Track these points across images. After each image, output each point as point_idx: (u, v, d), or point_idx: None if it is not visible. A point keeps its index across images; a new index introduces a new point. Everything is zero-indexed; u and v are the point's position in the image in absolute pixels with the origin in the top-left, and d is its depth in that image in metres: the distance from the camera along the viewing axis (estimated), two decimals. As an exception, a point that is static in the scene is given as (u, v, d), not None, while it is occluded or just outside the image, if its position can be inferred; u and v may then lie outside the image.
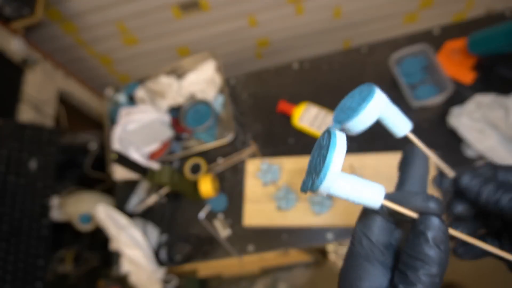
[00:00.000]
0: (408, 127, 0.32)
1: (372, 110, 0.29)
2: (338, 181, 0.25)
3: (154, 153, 1.12)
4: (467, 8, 1.53)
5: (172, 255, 1.04)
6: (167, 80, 1.19)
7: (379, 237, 0.27)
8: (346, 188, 0.26)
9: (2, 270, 0.98)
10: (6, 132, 1.08)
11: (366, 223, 0.28)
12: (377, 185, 0.27)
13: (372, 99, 0.29)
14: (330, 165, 0.25)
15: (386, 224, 0.28)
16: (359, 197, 0.26)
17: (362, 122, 0.29)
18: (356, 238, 0.28)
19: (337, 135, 0.26)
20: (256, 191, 1.01)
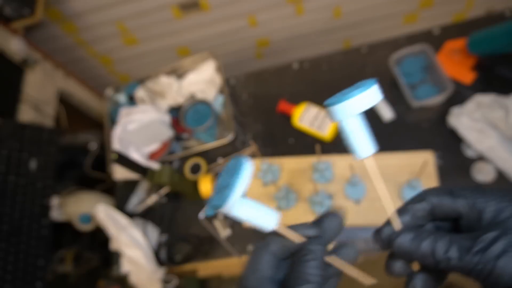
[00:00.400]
0: (371, 150, 0.32)
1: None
2: (239, 206, 0.28)
3: (154, 153, 1.12)
4: (467, 8, 1.53)
5: (172, 255, 1.04)
6: (167, 80, 1.19)
7: (267, 272, 0.29)
8: (246, 212, 0.29)
9: (2, 270, 0.98)
10: (6, 132, 1.08)
11: (255, 259, 0.30)
12: (273, 212, 0.30)
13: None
14: (233, 192, 0.27)
15: (274, 260, 0.30)
16: (256, 222, 0.29)
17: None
18: (245, 272, 0.30)
19: (245, 164, 0.28)
20: (256, 191, 1.01)
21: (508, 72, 0.95)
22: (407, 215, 0.30)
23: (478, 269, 0.24)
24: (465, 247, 0.25)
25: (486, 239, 0.25)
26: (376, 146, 0.32)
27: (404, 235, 0.28)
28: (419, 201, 0.30)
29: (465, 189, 0.29)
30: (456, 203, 0.28)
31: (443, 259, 0.26)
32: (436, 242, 0.26)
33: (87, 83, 1.70)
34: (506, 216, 0.26)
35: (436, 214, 0.30)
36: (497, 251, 0.24)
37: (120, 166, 0.90)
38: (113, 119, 1.23)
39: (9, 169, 1.06)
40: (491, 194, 0.28)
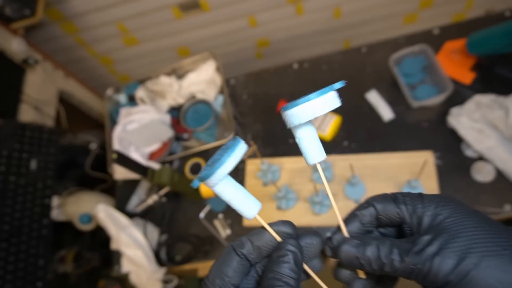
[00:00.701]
0: (320, 157, 0.32)
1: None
2: (225, 183, 0.29)
3: (154, 153, 1.12)
4: (467, 9, 1.53)
5: (172, 255, 1.04)
6: (167, 81, 1.19)
7: (233, 278, 0.29)
8: (230, 191, 0.29)
9: (2, 270, 0.98)
10: (6, 132, 1.08)
11: (222, 263, 0.30)
12: (256, 201, 0.30)
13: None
14: (223, 165, 0.28)
15: (241, 265, 0.30)
16: (238, 204, 0.30)
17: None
18: (210, 276, 0.29)
19: (240, 144, 0.29)
20: (256, 191, 1.01)
21: (507, 72, 0.95)
22: (355, 222, 0.31)
23: (417, 269, 0.26)
24: (405, 250, 0.27)
25: (423, 241, 0.27)
26: (325, 154, 0.33)
27: (350, 242, 0.30)
28: (366, 208, 0.31)
29: (408, 196, 0.30)
30: (399, 210, 0.30)
31: (386, 262, 0.28)
32: (380, 246, 0.28)
33: (87, 83, 1.70)
34: (441, 220, 0.28)
35: (382, 220, 0.31)
36: (432, 251, 0.26)
37: (120, 166, 0.91)
38: (113, 119, 1.23)
39: (9, 169, 1.06)
40: (430, 200, 0.29)
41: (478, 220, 0.27)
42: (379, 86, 1.05)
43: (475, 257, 0.25)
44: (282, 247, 0.29)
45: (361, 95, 1.05)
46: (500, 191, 0.86)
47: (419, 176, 0.84)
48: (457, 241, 0.26)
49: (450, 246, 0.26)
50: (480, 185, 0.88)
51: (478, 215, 0.27)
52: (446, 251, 0.26)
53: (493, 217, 0.85)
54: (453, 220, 0.27)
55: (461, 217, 0.27)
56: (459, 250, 0.25)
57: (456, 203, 0.29)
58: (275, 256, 0.29)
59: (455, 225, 0.27)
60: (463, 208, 0.28)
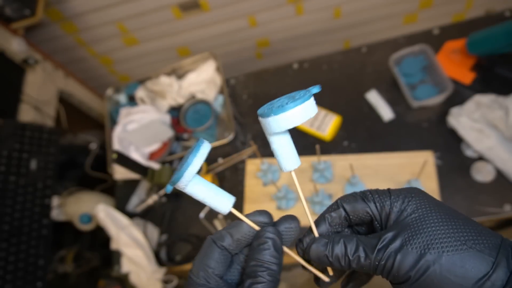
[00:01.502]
0: (295, 164, 0.32)
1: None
2: (194, 182, 0.29)
3: (154, 153, 1.12)
4: (467, 9, 1.53)
5: (172, 255, 1.04)
6: (168, 81, 1.19)
7: (216, 269, 0.30)
8: (201, 190, 0.30)
9: (2, 270, 0.98)
10: (6, 132, 1.08)
11: (204, 256, 0.31)
12: (229, 196, 0.31)
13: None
14: (189, 167, 0.28)
15: (223, 255, 0.31)
16: (212, 201, 0.30)
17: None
18: (194, 269, 0.30)
19: (203, 144, 0.29)
20: (256, 191, 1.01)
21: (507, 72, 0.95)
22: (324, 224, 0.32)
23: (382, 265, 0.27)
24: (371, 246, 0.28)
25: (387, 237, 0.28)
26: (299, 161, 0.33)
27: (319, 241, 0.30)
28: (335, 209, 0.32)
29: (376, 193, 0.31)
30: (368, 208, 0.31)
31: (352, 258, 0.28)
32: (346, 244, 0.29)
33: (87, 83, 1.70)
34: (405, 215, 0.29)
35: (352, 219, 0.32)
36: (395, 248, 0.27)
37: (120, 166, 0.91)
38: (113, 119, 1.23)
39: (9, 169, 1.06)
40: (396, 196, 0.30)
41: (440, 215, 0.27)
42: (379, 86, 1.05)
43: (434, 253, 0.25)
44: (261, 235, 0.30)
45: (361, 95, 1.05)
46: (500, 191, 0.86)
47: (419, 176, 0.84)
48: (418, 237, 0.26)
49: (412, 243, 0.26)
50: (480, 185, 0.88)
51: (442, 209, 0.28)
52: (408, 247, 0.26)
53: (493, 217, 0.85)
54: (416, 216, 0.28)
55: (425, 212, 0.28)
56: (419, 246, 0.26)
57: (421, 198, 0.29)
58: (256, 244, 0.30)
59: (418, 221, 0.27)
60: (428, 202, 0.29)
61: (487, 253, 0.25)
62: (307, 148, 1.03)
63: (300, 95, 0.29)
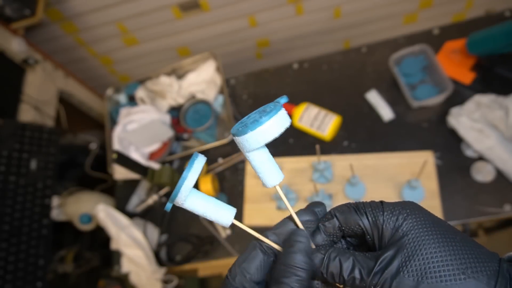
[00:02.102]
0: (278, 178, 0.32)
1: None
2: (193, 199, 0.29)
3: (154, 153, 1.12)
4: (467, 9, 1.53)
5: (172, 255, 1.04)
6: (168, 81, 1.19)
7: (254, 275, 0.29)
8: (200, 204, 0.29)
9: (3, 270, 0.98)
10: (6, 132, 1.08)
11: (245, 259, 0.30)
12: (230, 207, 0.30)
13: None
14: (185, 182, 0.28)
15: (265, 262, 0.30)
16: (211, 215, 0.30)
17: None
18: (232, 271, 0.29)
19: (197, 158, 0.29)
20: (256, 191, 1.01)
21: (507, 72, 0.95)
22: (319, 234, 0.31)
23: None
24: (367, 268, 0.27)
25: (384, 260, 0.27)
26: (282, 175, 0.32)
27: (314, 257, 0.29)
28: (329, 219, 0.31)
29: (369, 206, 0.30)
30: (359, 220, 0.30)
31: (348, 279, 0.28)
32: (342, 263, 0.28)
33: (87, 83, 1.70)
34: (400, 235, 0.27)
35: (345, 231, 0.31)
36: (392, 272, 0.26)
37: (120, 166, 0.91)
38: (113, 119, 1.23)
39: (9, 169, 1.06)
40: (390, 212, 0.29)
41: (437, 237, 0.26)
42: (379, 86, 1.05)
43: (431, 282, 0.25)
44: (292, 238, 0.29)
45: (361, 95, 1.05)
46: (500, 191, 0.86)
47: (419, 176, 0.84)
48: (415, 262, 0.26)
49: (408, 269, 0.26)
50: (480, 185, 0.88)
51: (439, 230, 0.27)
52: (404, 273, 0.26)
53: (493, 217, 0.85)
54: (412, 237, 0.27)
55: (421, 233, 0.27)
56: (416, 273, 0.25)
57: (417, 215, 0.28)
58: (286, 247, 0.29)
59: (415, 243, 0.27)
60: (424, 221, 0.28)
61: (485, 282, 0.24)
62: (307, 148, 1.03)
63: (271, 108, 0.29)
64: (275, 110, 0.28)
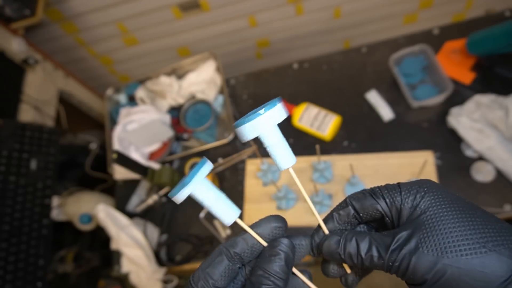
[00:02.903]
0: (291, 161, 0.33)
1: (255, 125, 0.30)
2: (203, 186, 0.29)
3: (154, 153, 1.12)
4: (467, 9, 1.53)
5: (172, 255, 1.04)
6: (168, 81, 1.19)
7: (218, 281, 0.28)
8: (209, 195, 0.29)
9: (3, 270, 0.98)
10: (6, 132, 1.08)
11: (210, 264, 0.29)
12: (235, 208, 0.31)
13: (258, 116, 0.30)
14: (198, 173, 0.29)
15: (230, 269, 0.29)
16: (216, 210, 0.30)
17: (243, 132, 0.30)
18: (195, 276, 0.29)
19: (206, 162, 0.30)
20: (256, 191, 1.01)
21: (507, 72, 0.95)
22: (332, 222, 0.31)
23: (396, 266, 0.26)
24: (384, 246, 0.27)
25: (402, 237, 0.27)
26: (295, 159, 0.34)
27: (331, 239, 0.30)
28: (343, 207, 0.31)
29: (385, 188, 0.30)
30: (377, 204, 0.29)
31: (366, 258, 0.28)
32: (359, 242, 0.28)
33: (87, 83, 1.70)
34: (419, 213, 0.27)
35: (363, 217, 0.31)
36: (410, 248, 0.26)
37: (120, 166, 0.91)
38: (113, 119, 1.23)
39: (9, 169, 1.06)
40: (408, 191, 0.28)
41: (457, 213, 0.26)
42: (379, 86, 1.05)
43: (452, 256, 0.24)
44: (275, 245, 0.29)
45: (361, 95, 1.05)
46: (500, 191, 0.86)
47: (419, 176, 0.84)
48: (434, 238, 0.25)
49: (427, 244, 0.25)
50: (480, 185, 0.88)
51: (458, 205, 0.27)
52: (423, 249, 0.25)
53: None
54: (431, 214, 0.27)
55: (440, 210, 0.26)
56: (435, 248, 0.25)
57: (435, 193, 0.28)
58: (267, 254, 0.29)
59: (433, 220, 0.26)
60: (442, 198, 0.27)
61: (507, 254, 0.24)
62: (307, 148, 1.03)
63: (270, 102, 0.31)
64: (275, 101, 0.30)
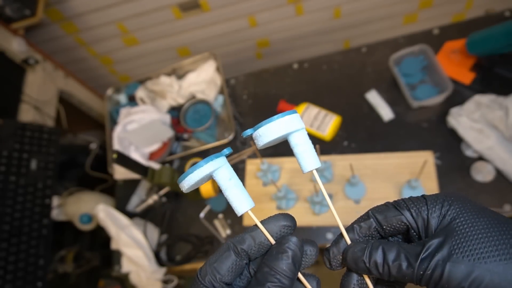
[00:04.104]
0: (315, 165, 0.34)
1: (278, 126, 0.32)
2: (225, 167, 0.32)
3: (154, 153, 1.12)
4: (467, 9, 1.53)
5: (172, 255, 1.04)
6: (167, 81, 1.19)
7: (225, 276, 0.28)
8: (227, 178, 0.31)
9: (3, 270, 0.98)
10: (6, 132, 1.08)
11: (217, 259, 0.29)
12: (250, 200, 0.31)
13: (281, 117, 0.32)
14: (223, 154, 0.32)
15: (237, 264, 0.29)
16: (233, 194, 0.31)
17: (265, 134, 0.33)
18: (202, 271, 0.29)
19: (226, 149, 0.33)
20: (256, 191, 1.01)
21: (507, 72, 0.95)
22: (352, 234, 0.31)
23: (428, 275, 0.25)
24: (414, 254, 0.26)
25: (432, 244, 0.25)
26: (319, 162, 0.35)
27: (355, 246, 0.29)
28: (365, 220, 0.30)
29: (410, 200, 0.29)
30: (402, 216, 0.29)
31: (393, 266, 0.26)
32: (386, 250, 0.27)
33: (87, 83, 1.70)
34: (448, 221, 0.26)
35: (386, 229, 0.30)
36: (443, 256, 0.25)
37: (120, 166, 0.91)
38: (113, 119, 1.23)
39: (9, 169, 1.06)
40: (434, 201, 0.28)
41: (487, 221, 0.25)
42: (379, 86, 1.05)
43: (490, 262, 0.23)
44: (283, 243, 0.28)
45: (361, 95, 1.05)
46: (500, 191, 0.86)
47: (419, 176, 0.84)
48: (468, 244, 0.24)
49: (462, 250, 0.24)
50: (480, 185, 0.88)
51: (487, 213, 0.26)
52: (458, 256, 0.24)
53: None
54: (461, 221, 0.26)
55: (470, 217, 0.26)
56: (471, 254, 0.24)
57: (462, 201, 0.27)
58: (275, 251, 0.28)
59: (464, 227, 0.25)
60: (470, 206, 0.27)
61: None
62: (307, 148, 1.02)
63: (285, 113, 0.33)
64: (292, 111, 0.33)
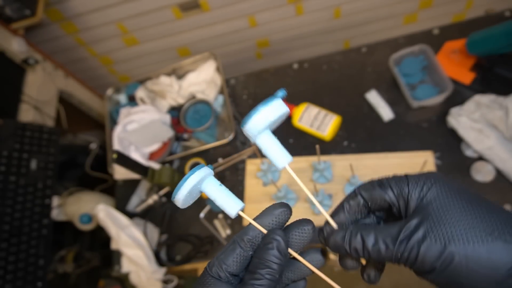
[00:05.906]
0: (287, 159, 0.36)
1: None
2: (210, 181, 0.34)
3: (154, 153, 1.12)
4: (467, 9, 1.53)
5: (172, 255, 1.04)
6: (168, 81, 1.19)
7: (231, 266, 0.30)
8: (215, 188, 0.34)
9: (3, 270, 0.98)
10: (6, 132, 1.08)
11: (224, 251, 0.31)
12: (238, 200, 0.34)
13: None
14: (197, 170, 0.34)
15: (242, 256, 0.31)
16: (223, 200, 0.33)
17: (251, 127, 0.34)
18: (210, 263, 0.31)
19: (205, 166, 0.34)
20: (256, 191, 1.01)
21: (507, 72, 0.95)
22: (342, 213, 0.33)
23: (405, 256, 0.27)
24: (391, 237, 0.28)
25: (409, 227, 0.27)
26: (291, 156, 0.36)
27: (336, 235, 0.31)
28: (353, 198, 0.32)
29: (393, 179, 0.31)
30: (385, 194, 0.30)
31: (373, 251, 0.28)
32: (364, 237, 0.29)
33: (87, 83, 1.70)
34: (426, 203, 0.28)
35: (371, 206, 0.32)
36: (418, 238, 0.26)
37: (120, 166, 0.91)
38: (113, 119, 1.23)
39: (9, 169, 1.06)
40: (415, 182, 0.29)
41: (463, 204, 0.27)
42: (379, 86, 1.05)
43: (459, 244, 0.25)
44: (268, 235, 0.31)
45: (361, 95, 1.05)
46: (500, 191, 0.86)
47: (419, 176, 0.84)
48: (441, 227, 0.26)
49: (435, 233, 0.26)
50: (480, 185, 0.88)
51: (465, 196, 0.27)
52: (431, 238, 0.26)
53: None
54: (437, 205, 0.27)
55: (446, 200, 0.27)
56: (443, 237, 0.26)
57: (442, 184, 0.28)
58: (262, 243, 0.31)
59: (440, 210, 0.27)
60: (448, 189, 0.28)
61: None
62: (307, 148, 1.03)
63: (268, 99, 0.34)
64: (270, 100, 0.33)
